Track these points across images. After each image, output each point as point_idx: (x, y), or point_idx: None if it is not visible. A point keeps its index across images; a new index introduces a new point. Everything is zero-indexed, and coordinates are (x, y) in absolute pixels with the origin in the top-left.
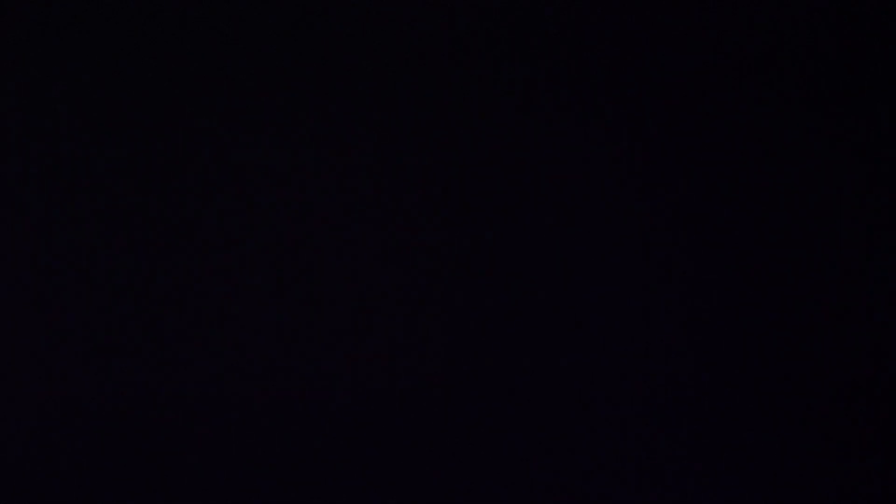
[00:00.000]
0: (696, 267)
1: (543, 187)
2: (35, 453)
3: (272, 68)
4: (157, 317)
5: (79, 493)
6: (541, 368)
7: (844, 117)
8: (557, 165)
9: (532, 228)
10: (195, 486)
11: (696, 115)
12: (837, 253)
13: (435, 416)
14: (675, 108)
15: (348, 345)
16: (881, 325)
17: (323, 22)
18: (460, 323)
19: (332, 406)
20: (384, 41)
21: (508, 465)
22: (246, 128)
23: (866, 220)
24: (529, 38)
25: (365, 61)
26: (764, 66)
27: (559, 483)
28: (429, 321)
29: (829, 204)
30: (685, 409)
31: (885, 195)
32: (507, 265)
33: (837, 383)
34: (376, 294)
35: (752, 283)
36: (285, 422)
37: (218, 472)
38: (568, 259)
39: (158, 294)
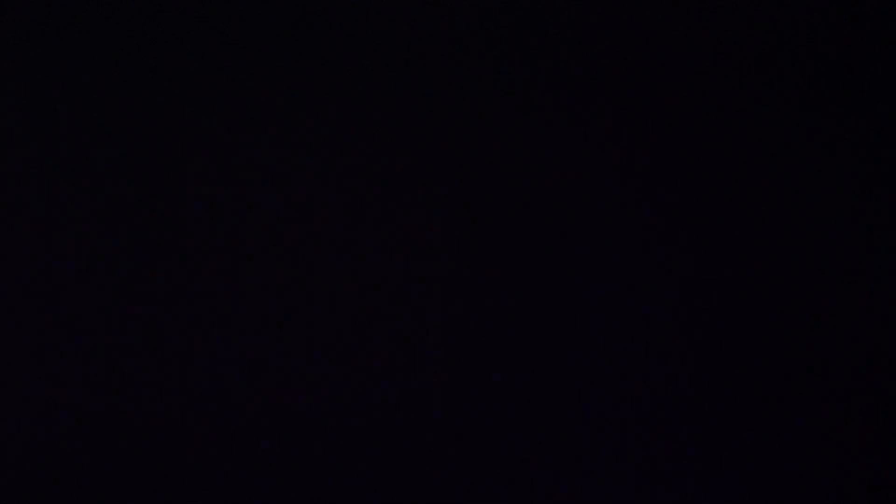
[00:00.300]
0: (696, 267)
1: (543, 187)
2: (35, 453)
3: (272, 68)
4: (157, 317)
5: (79, 493)
6: (541, 368)
7: (844, 117)
8: (557, 165)
9: (532, 228)
10: (195, 487)
11: (696, 115)
12: (837, 253)
13: (435, 417)
14: (675, 108)
15: (348, 345)
16: (881, 325)
17: (323, 22)
18: (460, 323)
19: (332, 407)
20: (384, 41)
21: (508, 465)
22: (246, 128)
23: (866, 220)
24: (529, 38)
25: (365, 61)
26: (764, 66)
27: (559, 483)
28: (429, 321)
29: (829, 204)
30: (685, 409)
31: (886, 195)
32: (507, 265)
33: (837, 383)
34: (376, 294)
35: (751, 283)
36: (285, 423)
37: (218, 473)
38: (568, 259)
39: (158, 294)
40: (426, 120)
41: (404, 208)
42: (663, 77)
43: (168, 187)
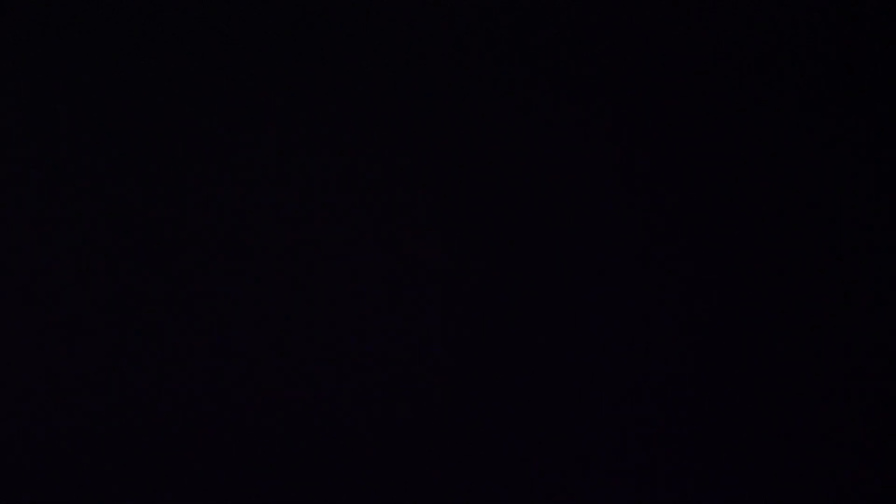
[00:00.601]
0: (697, 267)
1: (543, 187)
2: (35, 454)
3: (272, 68)
4: (157, 317)
5: (79, 493)
6: (541, 368)
7: (844, 117)
8: (557, 165)
9: (532, 228)
10: (195, 487)
11: (697, 115)
12: (837, 253)
13: (435, 417)
14: (675, 108)
15: (348, 345)
16: (881, 325)
17: (323, 22)
18: (460, 323)
19: (332, 407)
20: (384, 41)
21: (508, 465)
22: (246, 128)
23: (866, 220)
24: (529, 38)
25: (365, 61)
26: (764, 66)
27: (559, 483)
28: (428, 321)
29: (830, 204)
30: (685, 409)
31: (886, 195)
32: (508, 265)
33: (837, 383)
34: (376, 294)
35: (752, 283)
36: (285, 423)
37: (218, 472)
38: (568, 259)
39: (158, 294)
40: (426, 120)
41: (404, 208)
42: (663, 77)
43: (168, 187)
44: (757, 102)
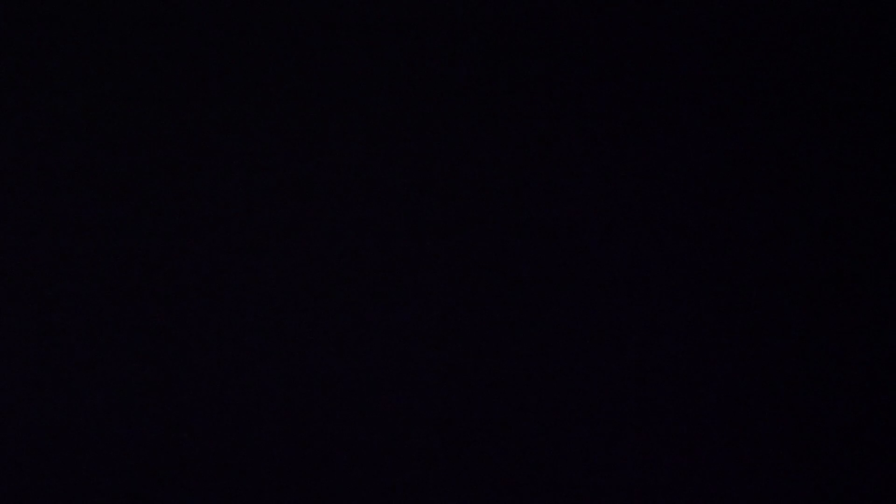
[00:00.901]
0: (696, 267)
1: (543, 187)
2: (35, 454)
3: (272, 68)
4: (158, 317)
5: (79, 492)
6: (541, 368)
7: (844, 117)
8: (557, 166)
9: (532, 228)
10: (195, 486)
11: (697, 115)
12: (837, 253)
13: (435, 417)
14: (675, 107)
15: (349, 345)
16: (881, 324)
17: (323, 22)
18: (460, 323)
19: (332, 407)
20: (384, 41)
21: (508, 465)
22: (246, 128)
23: (866, 220)
24: (529, 39)
25: (365, 61)
26: (764, 65)
27: (559, 483)
28: (429, 321)
29: (830, 204)
30: (685, 408)
31: (886, 195)
32: (507, 265)
33: (837, 383)
34: (376, 294)
35: (752, 283)
36: (285, 423)
37: (218, 472)
38: (568, 259)
39: (158, 294)
40: (426, 120)
41: (404, 208)
42: (663, 77)
43: (168, 187)
44: (757, 102)
